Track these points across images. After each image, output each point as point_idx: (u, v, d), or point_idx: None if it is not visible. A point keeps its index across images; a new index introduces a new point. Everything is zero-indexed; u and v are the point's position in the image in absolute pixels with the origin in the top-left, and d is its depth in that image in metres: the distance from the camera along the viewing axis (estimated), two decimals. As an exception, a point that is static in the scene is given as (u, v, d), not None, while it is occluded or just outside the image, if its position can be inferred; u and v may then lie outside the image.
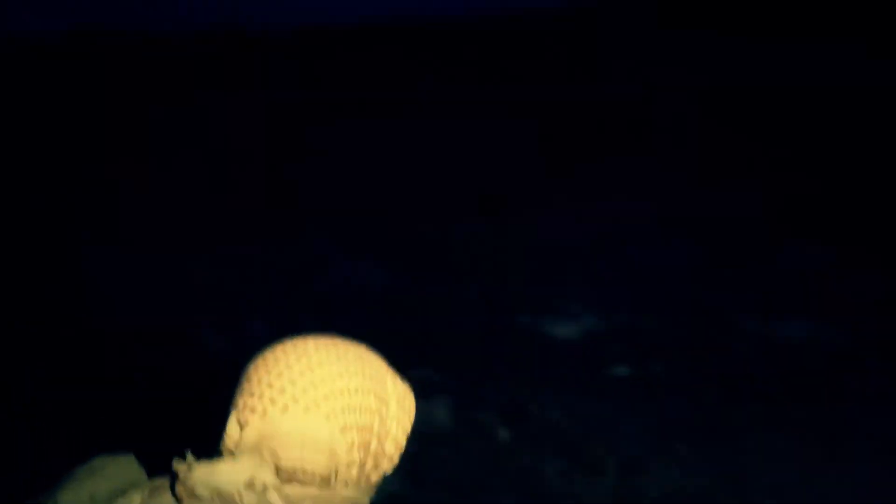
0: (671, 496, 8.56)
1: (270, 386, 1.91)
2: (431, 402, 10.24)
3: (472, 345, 12.20)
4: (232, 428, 1.94)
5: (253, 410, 1.91)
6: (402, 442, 2.10)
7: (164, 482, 1.99)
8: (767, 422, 10.17)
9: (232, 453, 1.93)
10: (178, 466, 1.94)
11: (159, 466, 2.07)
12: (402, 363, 8.69)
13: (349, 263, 13.52)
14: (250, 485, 1.88)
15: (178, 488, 1.90)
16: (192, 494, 1.89)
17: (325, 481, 1.93)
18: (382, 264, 13.56)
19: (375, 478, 2.05)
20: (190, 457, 1.94)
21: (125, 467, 2.01)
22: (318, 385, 1.90)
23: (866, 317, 12.63)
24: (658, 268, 13.91)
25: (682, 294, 13.40)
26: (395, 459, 2.10)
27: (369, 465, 2.01)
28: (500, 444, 9.77)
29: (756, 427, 10.01)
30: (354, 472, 1.98)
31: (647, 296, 13.38)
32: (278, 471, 1.90)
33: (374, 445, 1.99)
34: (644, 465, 9.02)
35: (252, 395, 1.92)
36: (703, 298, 13.35)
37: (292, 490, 1.91)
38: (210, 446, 2.02)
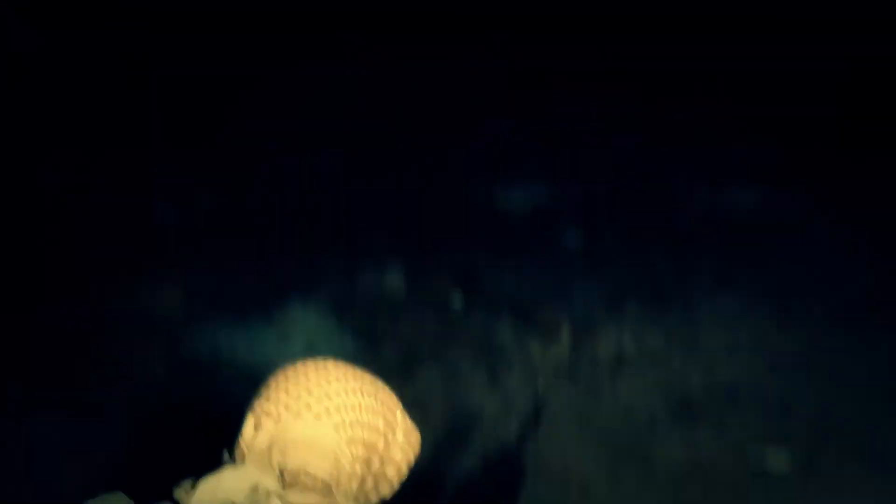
0: (626, 355, 8.67)
1: (287, 393, 2.01)
2: (384, 269, 10.26)
3: (424, 212, 12.19)
4: (248, 429, 2.01)
5: (268, 414, 2.00)
6: (404, 471, 2.15)
7: None
8: (718, 287, 10.29)
9: (241, 459, 1.97)
10: (179, 493, 1.97)
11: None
12: (354, 232, 8.68)
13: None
14: (254, 490, 1.94)
15: None
16: None
17: (327, 489, 2.01)
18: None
19: (374, 498, 2.09)
20: (189, 481, 1.97)
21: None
22: (332, 397, 2.00)
23: (815, 184, 12.76)
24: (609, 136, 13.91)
25: (632, 163, 13.44)
26: (395, 486, 2.16)
27: (369, 483, 2.07)
28: (453, 309, 9.83)
29: (707, 293, 10.13)
30: (355, 485, 2.04)
31: (598, 164, 13.40)
32: (283, 474, 1.96)
33: (376, 465, 2.06)
34: (596, 328, 9.12)
35: (269, 399, 2.02)
36: (653, 169, 13.41)
37: (294, 497, 1.97)
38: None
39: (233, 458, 2.03)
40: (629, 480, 6.67)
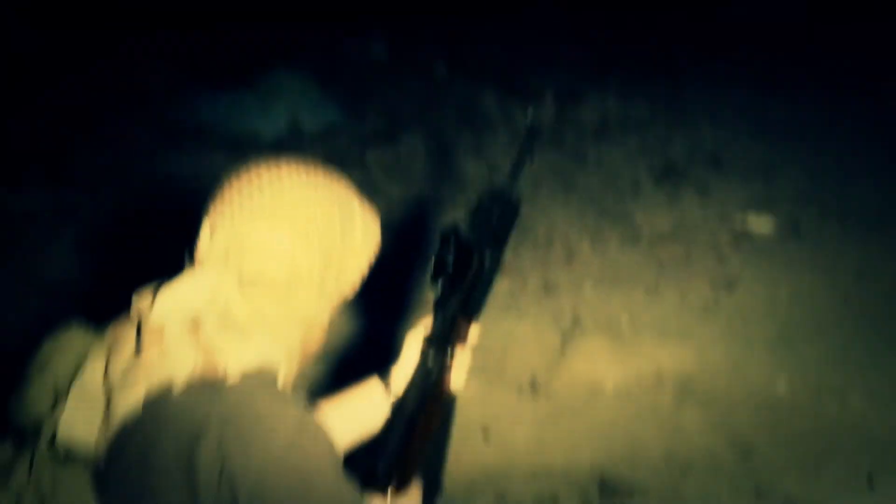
0: (610, 120, 8.68)
1: (240, 193, 1.93)
2: (368, 37, 10.18)
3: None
4: (204, 234, 1.96)
5: (223, 216, 1.93)
6: (365, 267, 2.08)
7: (122, 331, 2.00)
8: (703, 51, 10.26)
9: (200, 264, 1.95)
10: (139, 302, 1.96)
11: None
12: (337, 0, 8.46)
13: None
14: (213, 301, 1.93)
15: (143, 335, 1.92)
16: (157, 332, 1.91)
17: (286, 289, 1.97)
18: None
19: (336, 299, 2.05)
20: (149, 290, 1.95)
21: (82, 335, 1.98)
22: (285, 193, 1.91)
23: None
24: None
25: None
26: (357, 282, 2.09)
27: (330, 283, 2.01)
28: (437, 77, 9.79)
29: (693, 58, 10.11)
30: (315, 286, 1.99)
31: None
32: (241, 276, 1.93)
33: (334, 267, 2.00)
34: (581, 94, 9.10)
35: (223, 201, 1.94)
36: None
37: (255, 299, 1.96)
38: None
39: (192, 262, 2.03)
40: (612, 242, 6.73)
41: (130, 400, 1.88)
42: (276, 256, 1.98)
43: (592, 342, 5.55)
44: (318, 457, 1.86)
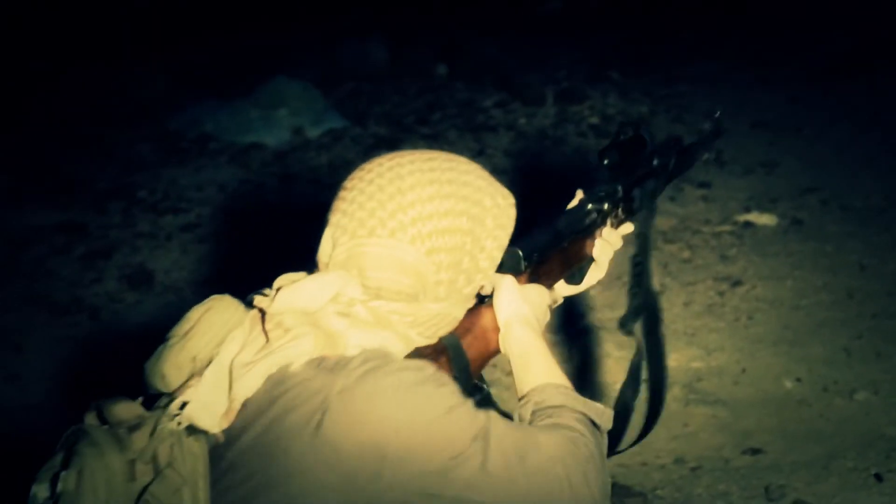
0: (611, 119, 8.71)
1: (361, 207, 1.89)
2: (368, 42, 10.21)
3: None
4: (325, 243, 1.95)
5: (344, 230, 1.91)
6: (498, 256, 2.05)
7: (256, 314, 2.00)
8: (699, 51, 10.29)
9: (323, 269, 1.95)
10: (260, 300, 1.97)
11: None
12: (337, 5, 8.55)
13: None
14: (335, 299, 1.92)
15: (267, 325, 1.91)
16: (280, 326, 1.92)
17: (412, 298, 1.96)
18: None
19: (469, 290, 2.03)
20: (282, 283, 1.96)
21: (230, 309, 1.98)
22: (407, 209, 1.87)
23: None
24: None
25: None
26: (490, 273, 2.04)
27: (461, 281, 1.98)
28: (437, 80, 9.83)
29: (689, 56, 10.13)
30: (443, 290, 1.97)
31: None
32: (364, 289, 1.94)
33: (465, 263, 1.96)
34: (581, 93, 9.14)
35: (344, 214, 1.92)
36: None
37: (380, 305, 1.94)
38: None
39: (315, 266, 2.02)
40: (616, 243, 6.75)
41: (251, 379, 1.90)
42: (398, 272, 1.97)
43: (600, 345, 5.59)
44: (439, 405, 1.86)
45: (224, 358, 1.96)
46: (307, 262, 2.10)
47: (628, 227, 2.43)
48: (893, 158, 7.84)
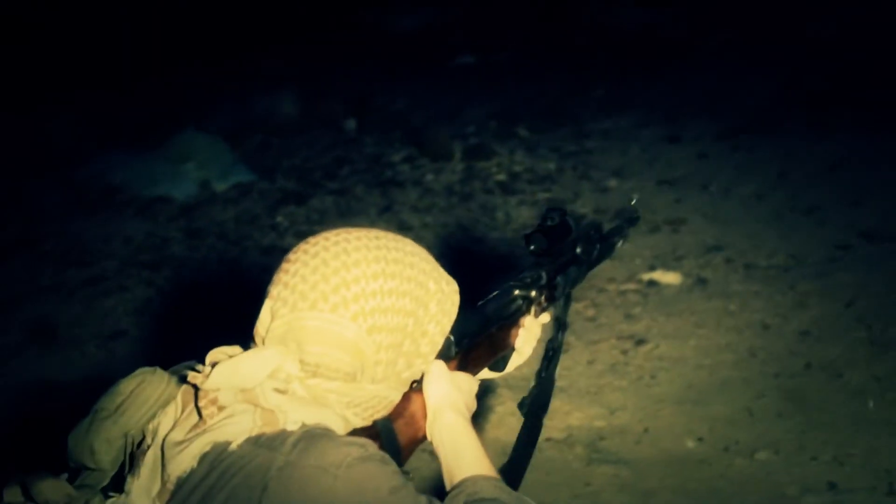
0: (518, 176, 8.72)
1: (304, 280, 1.88)
2: (278, 95, 10.17)
3: (319, 40, 12.06)
4: (264, 315, 1.91)
5: (284, 302, 1.88)
6: (440, 342, 2.03)
7: (189, 389, 1.97)
8: (608, 105, 10.36)
9: (260, 343, 1.91)
10: (194, 376, 1.93)
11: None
12: (249, 59, 8.49)
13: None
14: (273, 375, 1.89)
15: (200, 402, 1.89)
16: (214, 403, 1.88)
17: (350, 377, 1.93)
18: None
19: (407, 375, 2.00)
20: (217, 358, 1.90)
21: (160, 383, 1.94)
22: (351, 284, 1.86)
23: (698, 4, 12.84)
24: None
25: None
26: (431, 358, 2.03)
27: (400, 364, 1.95)
28: (346, 134, 9.80)
29: (597, 112, 10.20)
30: (381, 370, 1.93)
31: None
32: (302, 364, 1.90)
33: (406, 346, 1.96)
34: (489, 149, 9.15)
35: (286, 286, 1.89)
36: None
37: (316, 383, 1.91)
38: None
39: (252, 340, 1.98)
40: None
41: (185, 459, 1.85)
42: (338, 348, 1.93)
43: (503, 403, 5.56)
44: (382, 485, 1.82)
45: (160, 436, 1.93)
46: (236, 332, 2.06)
47: (547, 316, 2.42)
48: (798, 217, 7.93)
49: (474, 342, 2.22)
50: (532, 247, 2.35)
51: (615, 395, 5.70)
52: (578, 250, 2.41)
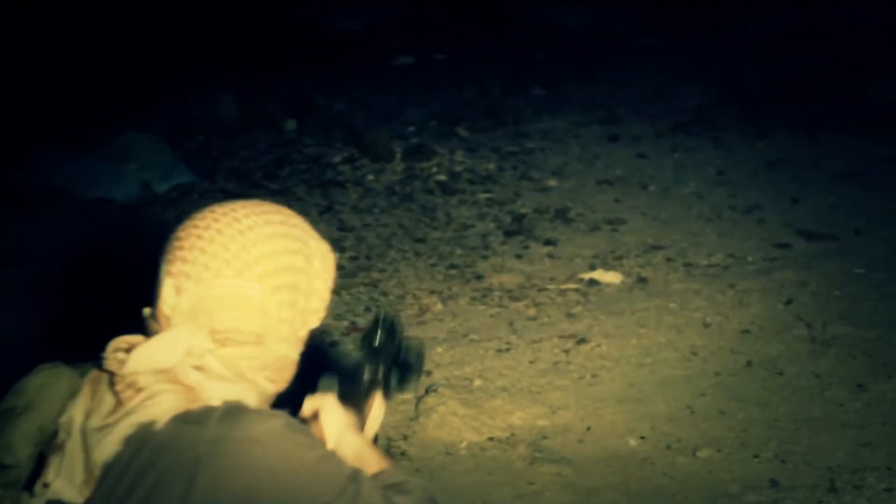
0: (458, 176, 8.73)
1: (203, 251, 1.96)
2: (218, 96, 10.11)
3: (258, 39, 12.01)
4: (168, 294, 1.96)
5: (188, 276, 1.96)
6: (327, 297, 2.14)
7: (97, 376, 2.02)
8: (548, 105, 10.39)
9: (167, 324, 1.94)
10: (110, 362, 1.97)
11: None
12: (188, 59, 8.44)
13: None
14: (189, 352, 1.95)
15: (118, 386, 1.93)
16: (132, 386, 1.92)
17: (259, 339, 2.00)
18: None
19: (303, 332, 2.10)
20: (120, 346, 1.93)
21: (67, 376, 2.01)
22: (250, 248, 1.97)
23: (638, 1, 12.93)
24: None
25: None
26: (321, 314, 2.15)
27: (298, 321, 2.07)
28: (287, 135, 9.76)
29: (538, 112, 10.23)
30: (285, 329, 2.04)
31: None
32: (213, 334, 1.96)
33: (302, 302, 2.06)
34: (429, 149, 9.15)
35: (185, 261, 1.96)
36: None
37: (228, 352, 1.98)
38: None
39: (155, 321, 2.01)
40: (463, 300, 6.75)
41: (110, 443, 1.88)
42: (246, 310, 1.99)
43: (445, 403, 5.54)
44: (310, 453, 1.92)
45: (76, 426, 1.95)
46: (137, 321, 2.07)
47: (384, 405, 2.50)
48: (737, 216, 8.00)
49: (350, 395, 2.38)
50: (375, 343, 2.44)
51: (557, 393, 5.69)
52: (401, 357, 2.49)
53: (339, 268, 7.15)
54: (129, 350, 1.98)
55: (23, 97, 10.18)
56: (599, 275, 7.06)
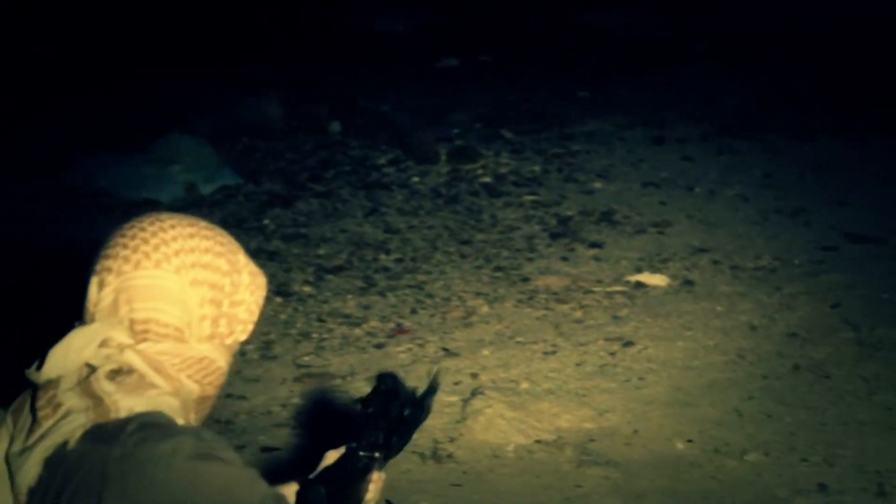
0: (503, 178, 8.73)
1: (125, 247, 1.97)
2: (263, 98, 10.15)
3: (303, 42, 12.05)
4: (92, 290, 1.99)
5: (109, 270, 1.97)
6: (256, 312, 2.11)
7: (21, 401, 2.01)
8: (593, 107, 10.38)
9: (90, 321, 1.96)
10: (30, 373, 1.95)
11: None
12: (233, 61, 8.48)
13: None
14: (105, 345, 1.94)
15: (38, 402, 1.94)
16: (51, 403, 1.93)
17: (179, 334, 2.00)
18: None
19: (230, 341, 2.08)
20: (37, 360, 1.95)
21: None
22: (170, 242, 1.98)
23: (683, 4, 12.89)
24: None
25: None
26: (249, 328, 2.12)
27: (223, 325, 2.05)
28: (332, 137, 9.79)
29: (583, 114, 10.22)
30: (207, 327, 2.03)
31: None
32: (133, 325, 1.96)
33: (225, 306, 2.05)
34: (474, 151, 9.16)
35: (108, 257, 1.98)
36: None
37: (148, 347, 1.96)
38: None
39: (81, 321, 2.02)
40: (509, 302, 6.75)
41: (30, 467, 1.87)
42: (165, 301, 1.99)
43: (492, 406, 5.55)
44: (219, 472, 1.87)
45: (0, 456, 1.96)
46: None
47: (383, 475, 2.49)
48: (784, 218, 7.97)
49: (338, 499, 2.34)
50: (370, 409, 2.42)
51: (604, 396, 5.70)
52: (406, 412, 2.46)
53: (385, 269, 7.30)
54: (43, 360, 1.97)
55: (67, 100, 10.26)
56: (645, 277, 7.05)
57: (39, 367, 1.97)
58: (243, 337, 2.13)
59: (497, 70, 11.41)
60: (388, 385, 2.43)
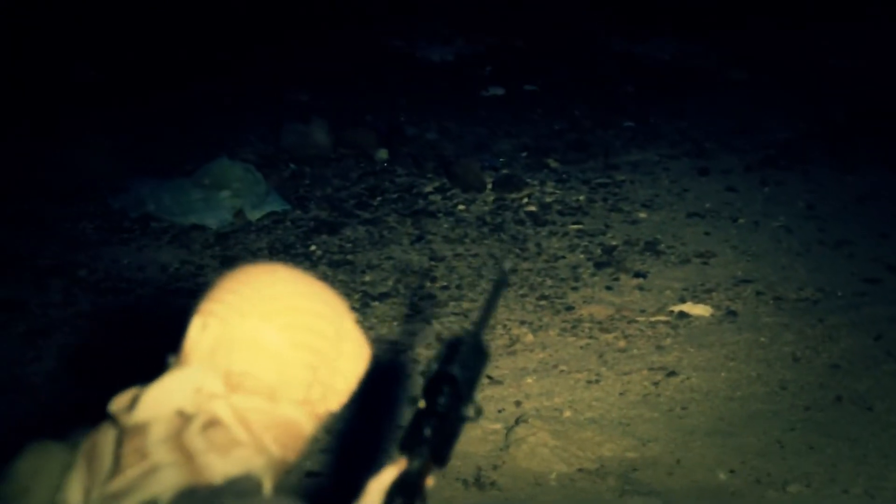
0: (548, 207, 8.79)
1: (235, 293, 1.95)
2: (310, 125, 10.25)
3: (349, 69, 12.15)
4: (194, 330, 1.96)
5: (215, 315, 1.95)
6: (353, 383, 2.06)
7: (94, 441, 1.96)
8: (637, 137, 10.43)
9: (185, 362, 1.94)
10: (118, 403, 1.92)
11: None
12: (279, 86, 8.57)
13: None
14: (198, 392, 1.91)
15: (124, 448, 1.87)
16: (139, 451, 1.86)
17: (272, 392, 1.96)
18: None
19: (321, 409, 2.02)
20: (124, 400, 1.92)
21: (58, 453, 1.95)
22: (279, 298, 1.95)
23: (723, 35, 12.93)
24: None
25: (551, 17, 13.45)
26: (343, 399, 2.06)
27: (316, 391, 2.00)
28: (378, 164, 9.88)
29: (627, 144, 10.26)
30: (301, 392, 1.98)
31: (519, 19, 13.40)
32: (228, 377, 1.92)
33: (323, 373, 2.00)
34: (520, 180, 9.22)
35: (216, 301, 1.96)
36: (572, 21, 13.44)
37: (239, 400, 1.93)
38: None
39: (176, 359, 1.98)
40: (553, 331, 6.81)
41: None
42: (264, 356, 1.96)
43: (535, 434, 5.61)
44: None
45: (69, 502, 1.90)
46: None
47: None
48: (827, 250, 8.00)
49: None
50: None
51: (647, 426, 5.75)
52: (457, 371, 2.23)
53: (430, 297, 7.38)
54: (134, 401, 1.93)
55: (116, 124, 10.39)
56: (689, 307, 7.10)
57: (131, 407, 1.92)
58: (336, 407, 2.09)
59: (542, 99, 11.47)
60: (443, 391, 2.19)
